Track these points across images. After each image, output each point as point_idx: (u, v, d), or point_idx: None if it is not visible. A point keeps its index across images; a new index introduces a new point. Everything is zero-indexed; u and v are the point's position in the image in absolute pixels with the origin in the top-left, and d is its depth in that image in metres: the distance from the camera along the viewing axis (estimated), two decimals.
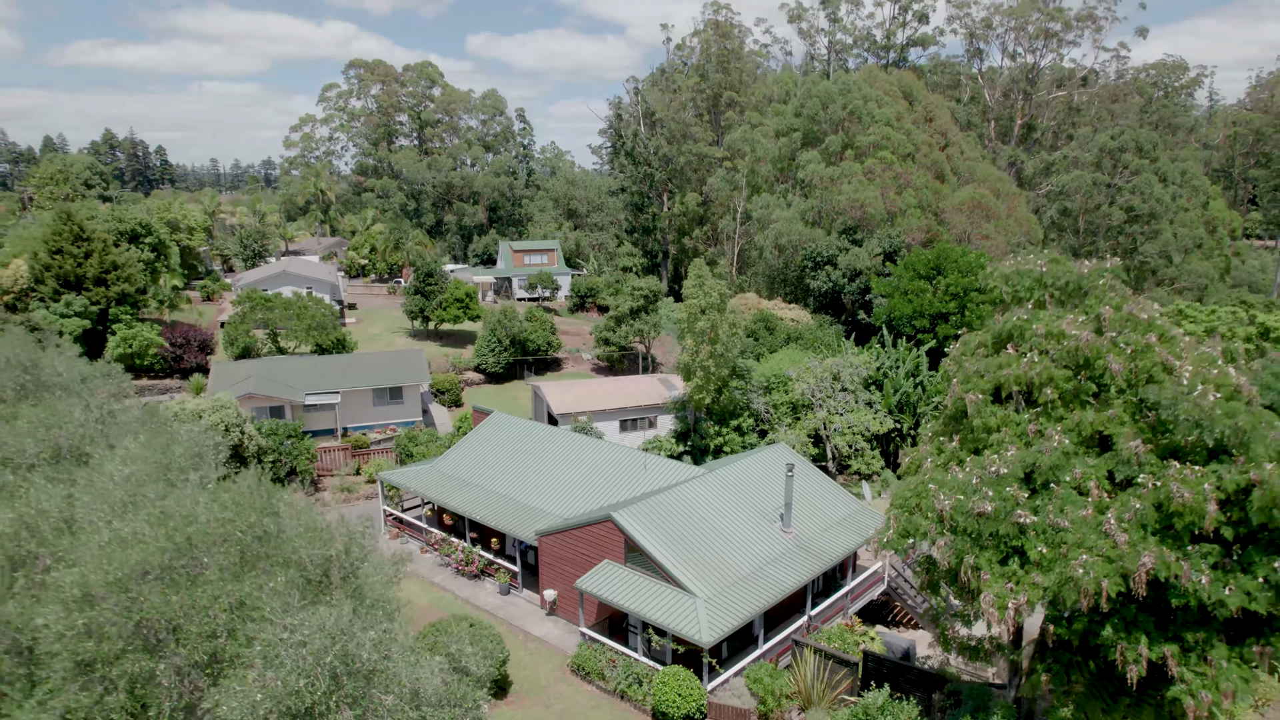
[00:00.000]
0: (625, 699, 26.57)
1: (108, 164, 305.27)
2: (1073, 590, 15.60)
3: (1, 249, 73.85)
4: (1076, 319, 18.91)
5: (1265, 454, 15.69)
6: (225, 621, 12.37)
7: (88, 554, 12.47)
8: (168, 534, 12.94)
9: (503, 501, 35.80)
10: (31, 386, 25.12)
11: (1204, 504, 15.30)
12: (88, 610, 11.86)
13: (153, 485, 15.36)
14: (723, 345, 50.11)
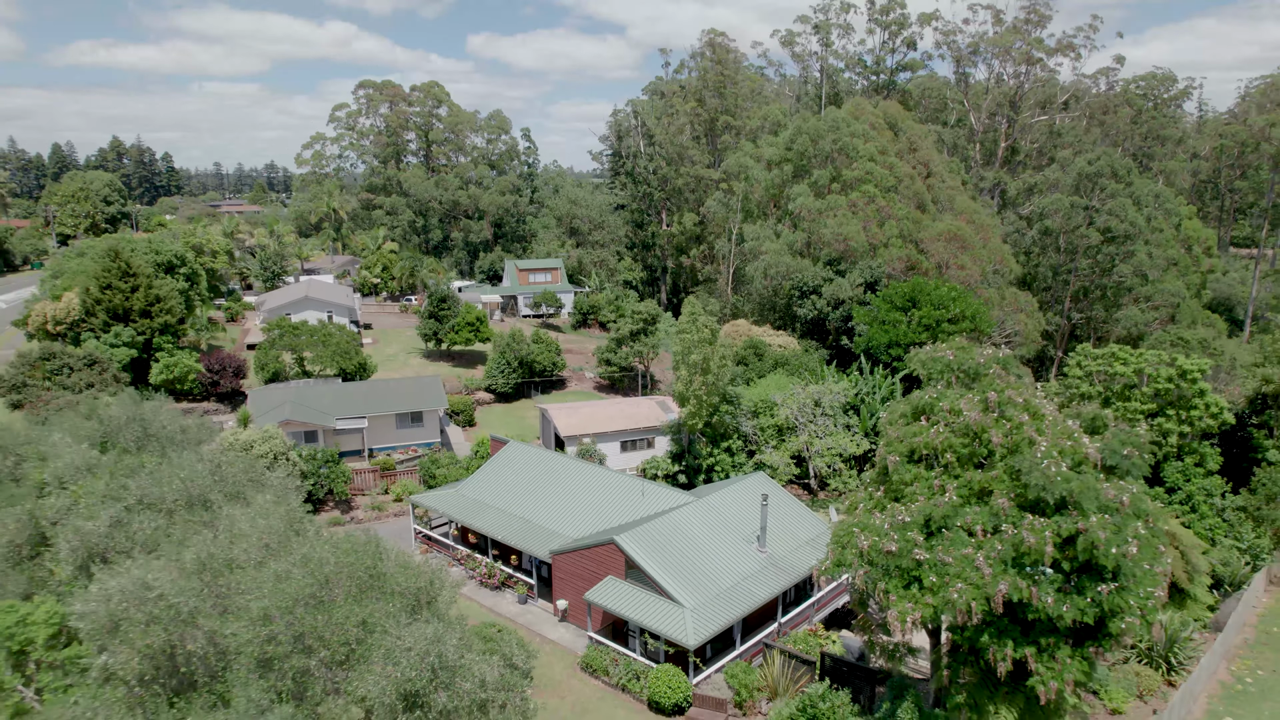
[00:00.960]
0: (626, 691, 32.61)
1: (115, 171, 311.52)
2: (951, 609, 21.63)
3: (52, 282, 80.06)
4: (972, 399, 24.93)
5: (1091, 508, 21.69)
6: (355, 634, 18.38)
7: (262, 586, 18.48)
8: (311, 573, 18.96)
9: (519, 523, 41.83)
10: (144, 438, 31.08)
11: (1044, 546, 21.32)
12: (267, 625, 17.89)
13: (281, 534, 21.39)
14: (714, 375, 56.02)
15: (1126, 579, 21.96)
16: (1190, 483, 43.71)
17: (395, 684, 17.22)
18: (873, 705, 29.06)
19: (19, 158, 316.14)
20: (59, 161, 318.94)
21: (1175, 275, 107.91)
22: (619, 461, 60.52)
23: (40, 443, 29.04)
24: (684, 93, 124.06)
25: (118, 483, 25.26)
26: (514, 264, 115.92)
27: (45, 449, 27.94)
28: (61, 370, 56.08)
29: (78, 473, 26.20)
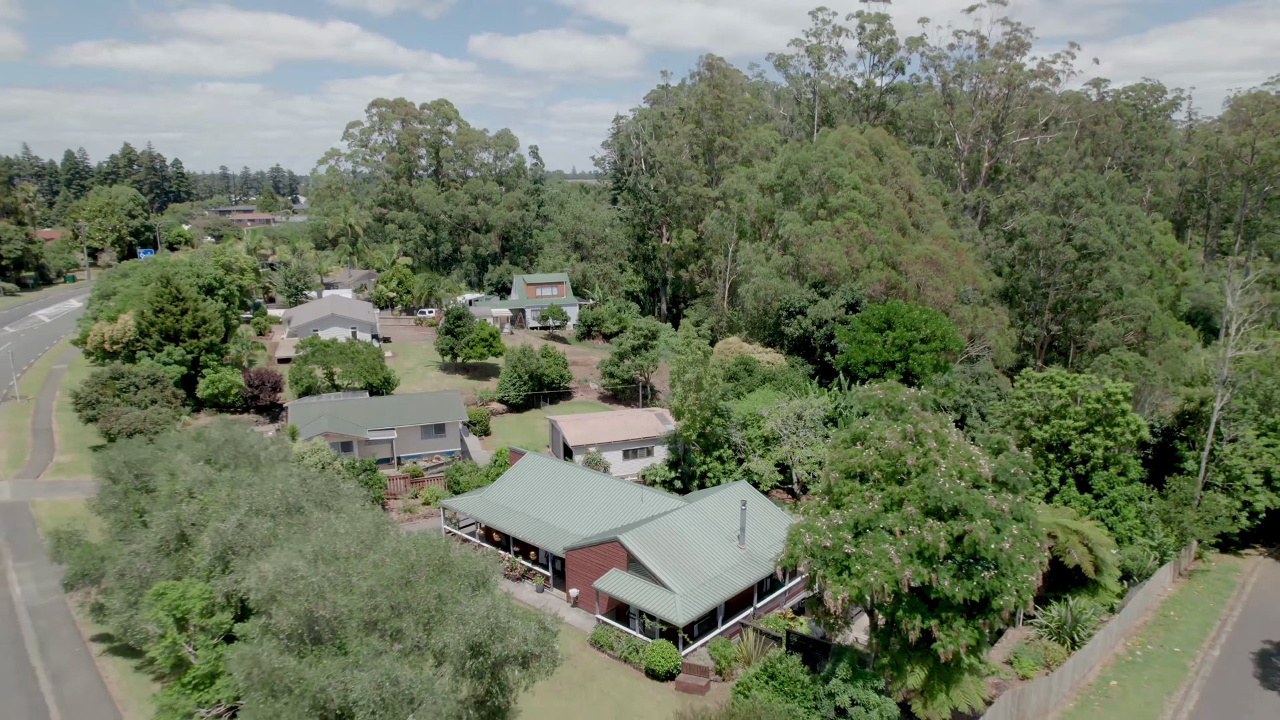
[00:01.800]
0: (627, 662, 40.17)
1: (126, 177, 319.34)
2: (869, 590, 29.20)
3: (101, 302, 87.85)
4: (895, 429, 32.47)
5: (977, 515, 29.22)
6: (434, 604, 25.95)
7: (366, 570, 26.05)
8: (400, 560, 26.56)
9: (536, 524, 49.43)
10: (237, 455, 38.71)
11: (938, 543, 28.86)
12: (372, 598, 25.48)
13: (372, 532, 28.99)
14: (706, 392, 63.51)
15: (1004, 568, 29.48)
16: (1114, 489, 51.15)
17: (465, 637, 24.85)
18: (819, 668, 36.56)
19: (33, 164, 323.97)
20: (71, 168, 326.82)
21: (1150, 289, 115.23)
22: (621, 468, 68.09)
23: (167, 460, 36.69)
24: (683, 115, 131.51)
25: (234, 494, 32.93)
26: (522, 279, 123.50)
27: (172, 466, 35.57)
28: (128, 388, 63.79)
29: (201, 485, 33.87)
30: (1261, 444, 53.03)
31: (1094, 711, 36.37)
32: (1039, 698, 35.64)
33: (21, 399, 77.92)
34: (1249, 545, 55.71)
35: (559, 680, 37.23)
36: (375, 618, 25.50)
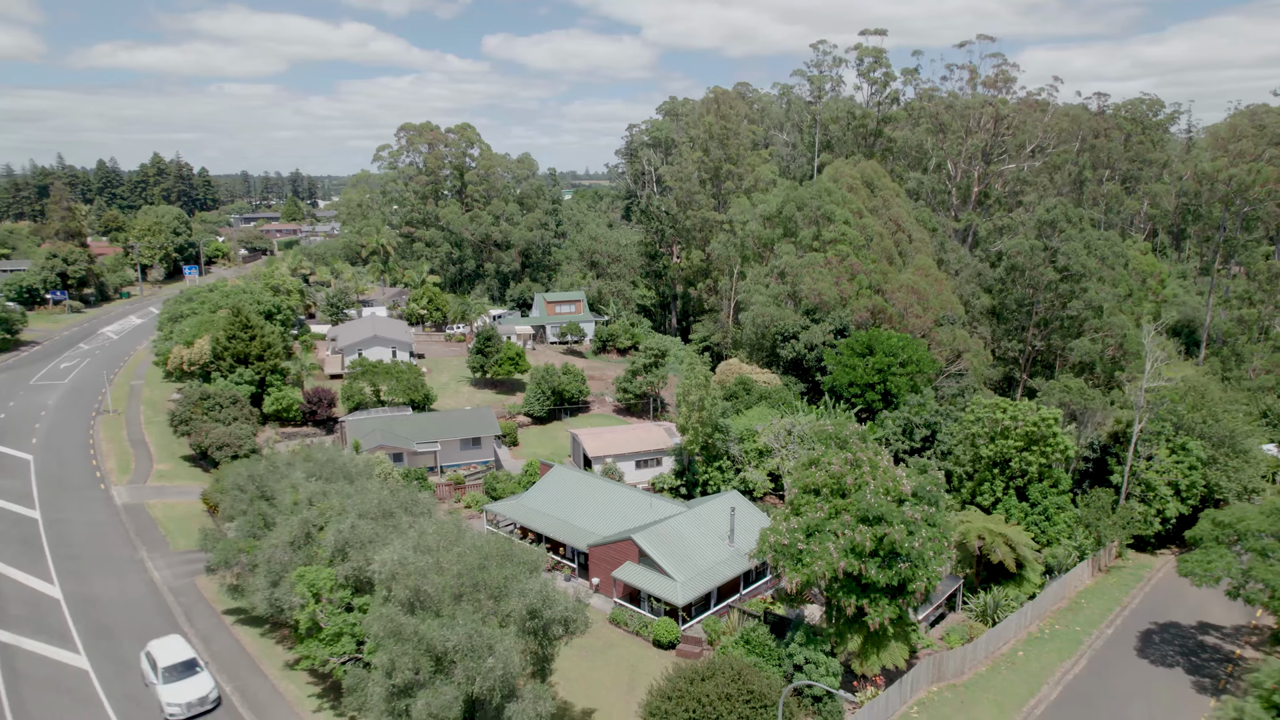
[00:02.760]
0: (639, 635, 51.37)
1: (156, 185, 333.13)
2: (814, 576, 40.35)
3: (170, 325, 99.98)
4: (840, 456, 43.53)
5: (895, 522, 40.27)
6: (501, 582, 37.27)
7: (453, 558, 37.36)
8: (477, 551, 37.90)
9: (564, 525, 60.73)
10: (334, 471, 50.23)
11: (865, 542, 39.96)
12: (459, 579, 36.82)
13: (454, 531, 40.36)
14: (707, 411, 74.56)
15: (916, 561, 40.56)
16: (1046, 499, 61.93)
17: (525, 605, 36.21)
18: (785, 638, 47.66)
19: (67, 173, 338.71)
20: (103, 177, 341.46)
21: (1130, 306, 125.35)
22: (634, 477, 79.37)
23: (284, 475, 48.31)
24: (691, 142, 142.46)
25: (343, 503, 44.46)
26: (543, 297, 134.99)
27: (292, 481, 47.16)
28: (214, 407, 75.69)
29: (317, 496, 45.43)
30: (1171, 461, 63.64)
31: (1000, 673, 47.35)
32: (955, 662, 46.66)
33: (113, 413, 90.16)
34: (1164, 546, 66.33)
35: (584, 649, 48.49)
36: (460, 591, 36.86)
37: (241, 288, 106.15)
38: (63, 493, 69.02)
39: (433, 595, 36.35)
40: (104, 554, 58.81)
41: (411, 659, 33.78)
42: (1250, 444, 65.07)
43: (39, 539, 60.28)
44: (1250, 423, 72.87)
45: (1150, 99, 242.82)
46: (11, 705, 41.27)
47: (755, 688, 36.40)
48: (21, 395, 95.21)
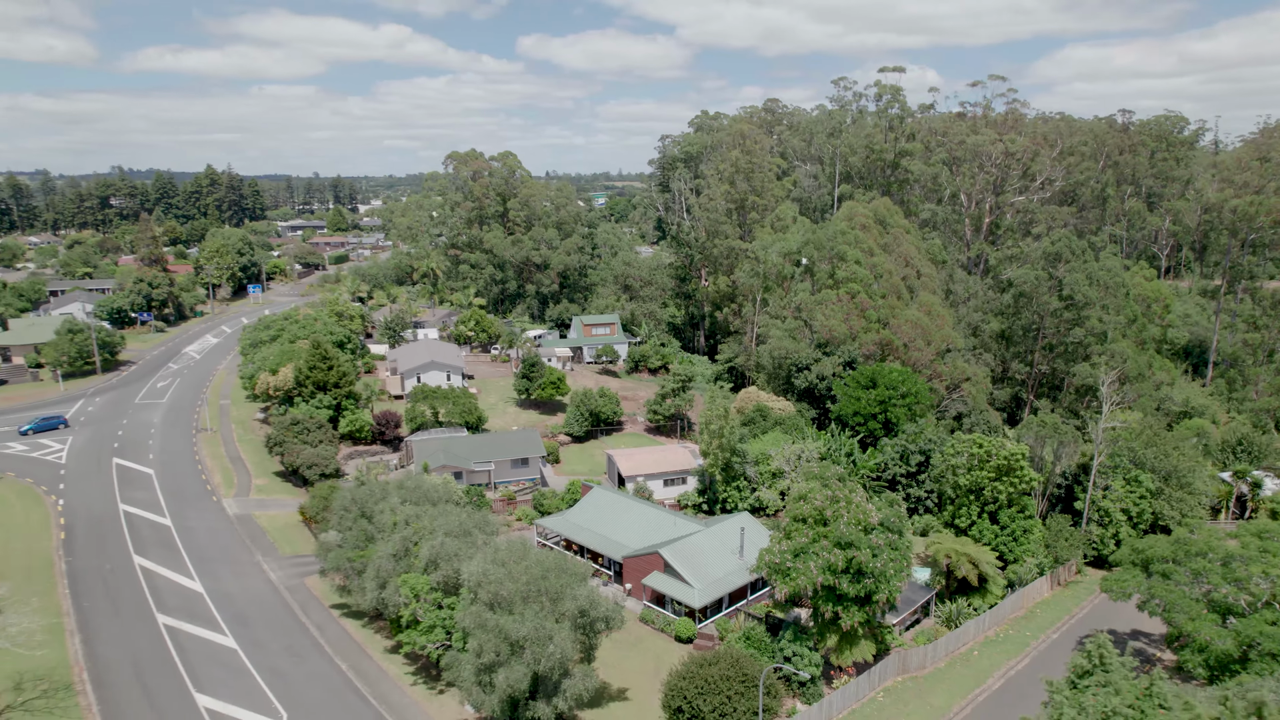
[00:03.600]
0: (663, 632, 63.87)
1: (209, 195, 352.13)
2: (798, 589, 52.59)
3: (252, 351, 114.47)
4: (823, 492, 55.63)
5: (863, 546, 52.34)
6: (558, 588, 49.97)
7: (520, 570, 50.12)
8: (540, 564, 50.67)
9: (602, 538, 73.37)
10: (420, 495, 63.41)
11: (838, 563, 52.09)
12: (527, 585, 49.60)
13: (521, 548, 53.23)
14: (725, 438, 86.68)
15: (879, 578, 52.55)
16: (1015, 522, 73.22)
17: (577, 606, 49.03)
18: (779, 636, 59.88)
19: (127, 184, 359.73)
20: (160, 188, 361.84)
21: (1134, 332, 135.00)
22: (661, 494, 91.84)
23: (381, 499, 61.67)
24: (719, 176, 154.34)
25: (433, 523, 57.61)
26: (580, 320, 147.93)
27: (391, 505, 60.45)
28: (303, 431, 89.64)
29: (412, 517, 58.67)
30: (1125, 491, 74.54)
31: (956, 669, 59.12)
32: (918, 658, 58.55)
33: (210, 430, 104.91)
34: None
35: (619, 642, 61.05)
36: (528, 595, 49.73)
37: (313, 316, 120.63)
38: (183, 503, 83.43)
39: (507, 597, 49.26)
40: (228, 556, 72.85)
41: (494, 644, 46.69)
42: (1194, 478, 75.65)
43: (175, 543, 74.53)
44: (1196, 455, 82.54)
45: (1174, 115, 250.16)
46: (187, 673, 55.04)
47: (749, 672, 48.72)
48: (131, 413, 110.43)
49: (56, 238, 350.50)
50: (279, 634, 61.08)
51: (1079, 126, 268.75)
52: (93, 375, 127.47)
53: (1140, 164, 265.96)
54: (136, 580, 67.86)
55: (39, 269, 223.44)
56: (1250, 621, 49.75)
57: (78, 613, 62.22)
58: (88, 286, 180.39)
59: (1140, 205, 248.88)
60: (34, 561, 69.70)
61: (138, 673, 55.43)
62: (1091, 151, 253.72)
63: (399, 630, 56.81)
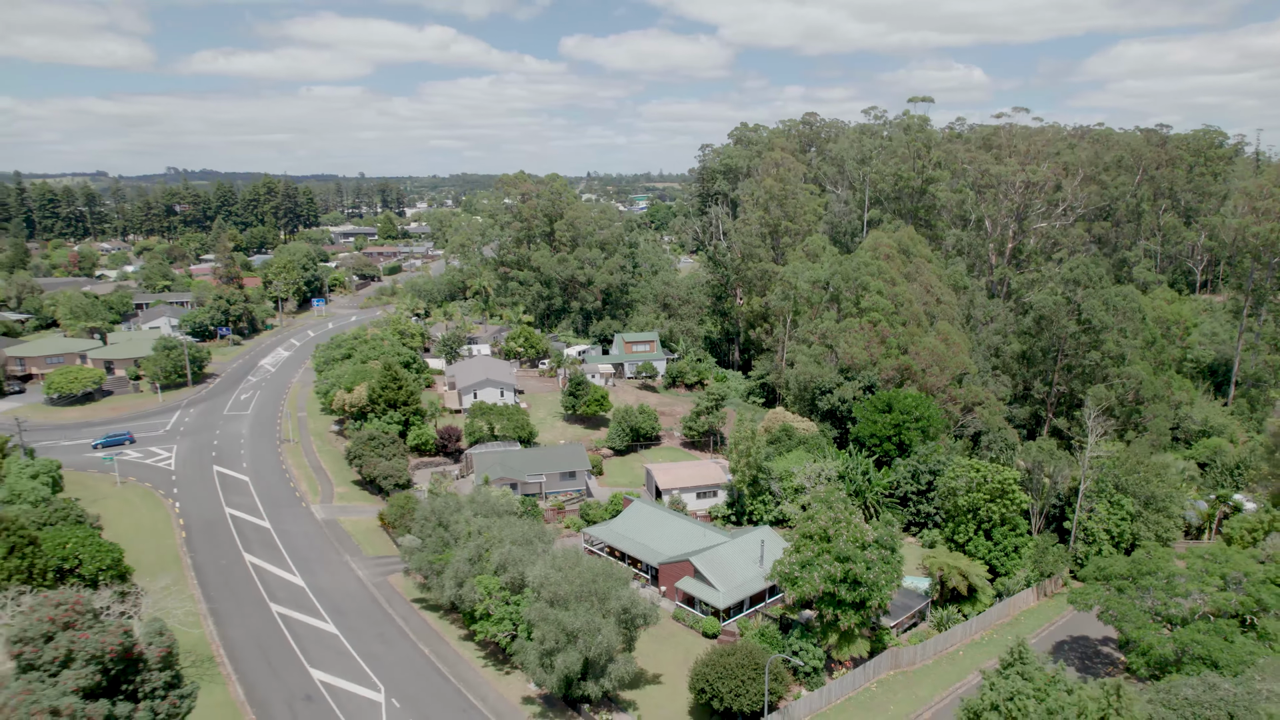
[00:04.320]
0: (692, 629, 75.56)
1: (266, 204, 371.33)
2: (804, 594, 63.97)
3: (326, 369, 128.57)
4: (826, 512, 66.87)
5: (858, 559, 63.52)
6: (604, 590, 61.93)
7: (574, 574, 62.20)
8: (590, 569, 62.72)
9: (641, 546, 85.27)
10: (489, 509, 75.95)
11: (837, 573, 63.36)
12: (580, 586, 61.67)
13: (575, 555, 65.38)
14: (752, 457, 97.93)
15: (872, 587, 63.69)
16: (1006, 539, 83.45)
17: (620, 604, 61.11)
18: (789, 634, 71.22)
19: (190, 192, 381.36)
20: (221, 196, 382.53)
21: (1153, 353, 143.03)
22: (695, 505, 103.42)
23: (455, 511, 74.38)
24: (754, 201, 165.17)
25: (501, 533, 70.12)
26: (621, 338, 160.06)
27: (464, 517, 73.08)
28: (379, 445, 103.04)
29: (483, 527, 71.25)
30: (1107, 513, 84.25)
31: (941, 666, 69.89)
32: (909, 656, 69.48)
33: (291, 441, 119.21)
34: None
35: (654, 636, 72.84)
36: (580, 595, 61.84)
37: (380, 336, 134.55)
38: (278, 508, 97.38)
39: (564, 596, 61.48)
40: (321, 556, 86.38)
41: (553, 634, 58.93)
42: (1170, 504, 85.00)
43: (276, 543, 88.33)
44: (1175, 482, 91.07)
45: (1214, 130, 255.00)
46: (301, 652, 68.29)
47: (760, 661, 60.24)
48: (222, 425, 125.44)
49: (126, 243, 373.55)
50: (370, 622, 74.17)
51: (1116, 140, 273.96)
52: (185, 387, 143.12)
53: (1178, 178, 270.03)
54: (249, 574, 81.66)
55: (120, 280, 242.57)
56: (1185, 631, 59.89)
57: (207, 600, 76.10)
58: (168, 300, 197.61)
59: (1176, 220, 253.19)
60: (165, 556, 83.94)
61: (262, 650, 68.89)
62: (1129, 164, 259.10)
63: (472, 621, 69.39)
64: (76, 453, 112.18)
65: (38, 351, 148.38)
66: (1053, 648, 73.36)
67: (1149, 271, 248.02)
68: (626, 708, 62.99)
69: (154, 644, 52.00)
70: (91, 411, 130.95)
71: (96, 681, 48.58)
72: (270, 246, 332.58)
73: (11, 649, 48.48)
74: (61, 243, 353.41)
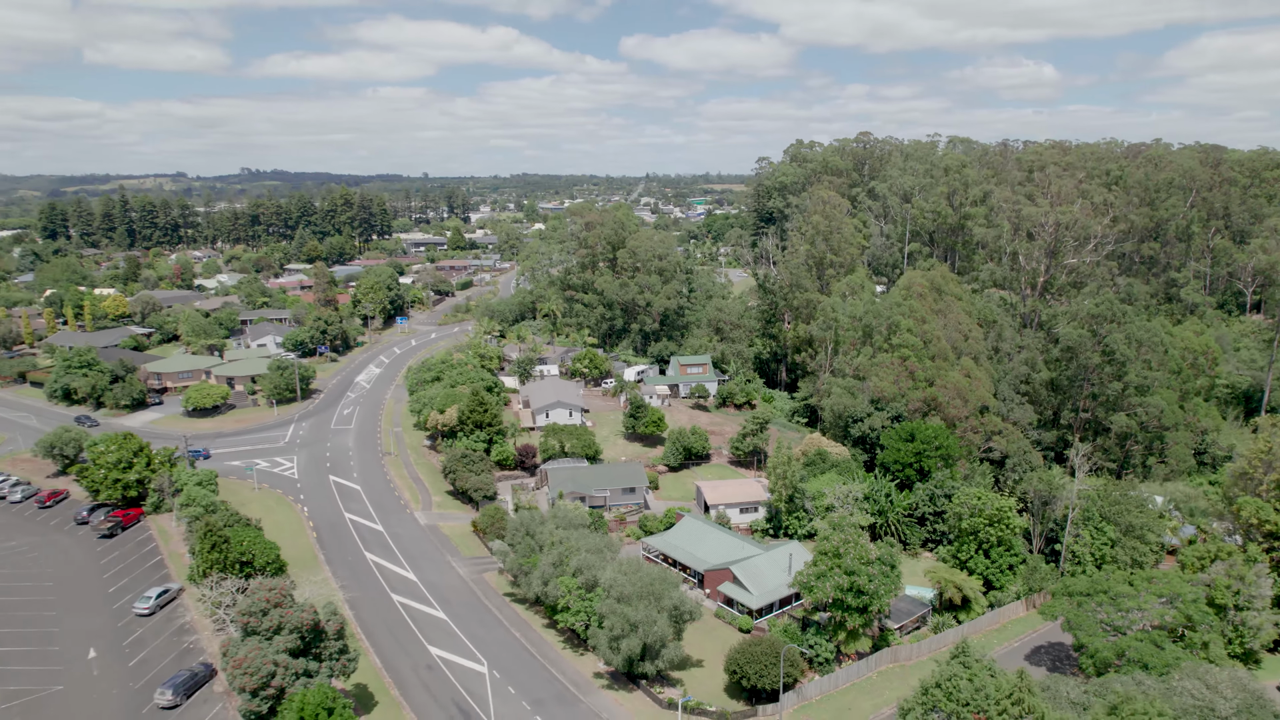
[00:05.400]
0: (730, 625, 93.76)
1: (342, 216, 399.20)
2: (817, 599, 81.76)
3: (418, 391, 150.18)
4: (839, 535, 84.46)
5: (863, 573, 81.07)
6: (660, 591, 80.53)
7: (636, 578, 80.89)
8: (649, 574, 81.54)
9: (690, 555, 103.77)
10: (567, 522, 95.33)
11: (844, 584, 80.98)
12: (644, 587, 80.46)
13: (637, 562, 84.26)
14: (789, 479, 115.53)
15: (873, 596, 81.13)
16: (1001, 558, 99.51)
17: (672, 603, 79.92)
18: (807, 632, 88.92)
19: (274, 204, 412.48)
20: (301, 207, 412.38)
21: (1179, 383, 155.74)
22: (738, 520, 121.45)
23: (540, 524, 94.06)
24: (800, 235, 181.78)
25: (577, 543, 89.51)
26: (677, 360, 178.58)
27: (549, 529, 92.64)
28: (470, 462, 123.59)
29: (564, 538, 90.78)
30: (1090, 538, 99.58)
31: (932, 662, 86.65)
32: (906, 652, 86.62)
33: (392, 454, 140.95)
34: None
35: (699, 630, 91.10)
36: (640, 594, 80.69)
37: (464, 361, 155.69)
38: (387, 514, 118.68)
39: (628, 595, 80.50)
40: (427, 555, 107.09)
41: (620, 624, 77.96)
42: (1147, 532, 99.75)
43: (389, 544, 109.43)
44: (1153, 515, 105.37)
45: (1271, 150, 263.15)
46: (420, 633, 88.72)
47: (779, 650, 78.22)
48: (331, 438, 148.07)
49: (215, 251, 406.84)
50: (471, 610, 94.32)
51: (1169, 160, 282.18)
52: (295, 402, 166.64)
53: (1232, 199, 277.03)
54: (370, 569, 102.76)
55: (221, 294, 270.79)
56: (1125, 639, 75.88)
57: (342, 590, 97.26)
58: (269, 316, 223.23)
59: (1227, 242, 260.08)
60: (303, 553, 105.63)
61: (390, 630, 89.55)
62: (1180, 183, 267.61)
63: (554, 613, 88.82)
64: (215, 461, 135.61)
65: (171, 368, 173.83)
66: (1031, 650, 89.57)
67: (1197, 293, 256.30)
68: (675, 684, 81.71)
69: (330, 620, 72.71)
70: (220, 423, 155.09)
71: (296, 645, 69.30)
72: (349, 257, 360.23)
73: (240, 618, 69.68)
74: (161, 251, 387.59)
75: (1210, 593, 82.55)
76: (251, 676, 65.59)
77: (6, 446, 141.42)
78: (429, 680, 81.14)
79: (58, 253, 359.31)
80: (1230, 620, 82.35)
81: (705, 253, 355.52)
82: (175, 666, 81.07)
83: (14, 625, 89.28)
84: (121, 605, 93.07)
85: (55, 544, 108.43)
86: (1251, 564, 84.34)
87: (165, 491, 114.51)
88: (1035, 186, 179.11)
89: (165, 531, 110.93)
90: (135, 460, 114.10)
